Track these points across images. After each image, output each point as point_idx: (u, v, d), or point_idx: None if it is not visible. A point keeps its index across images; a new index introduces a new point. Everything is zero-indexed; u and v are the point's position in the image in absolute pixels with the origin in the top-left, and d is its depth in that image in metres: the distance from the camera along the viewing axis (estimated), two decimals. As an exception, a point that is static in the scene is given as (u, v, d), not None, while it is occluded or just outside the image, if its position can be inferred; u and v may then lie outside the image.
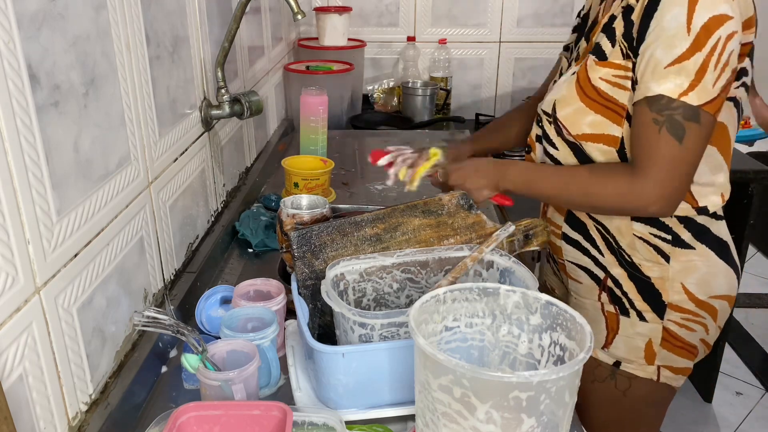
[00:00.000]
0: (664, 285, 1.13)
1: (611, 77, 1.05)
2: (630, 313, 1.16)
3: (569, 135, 1.11)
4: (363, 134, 2.33)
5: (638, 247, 1.13)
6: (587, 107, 1.08)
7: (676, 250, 1.11)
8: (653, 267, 1.13)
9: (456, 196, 1.11)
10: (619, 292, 1.16)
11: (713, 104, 0.97)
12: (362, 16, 2.66)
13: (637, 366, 1.18)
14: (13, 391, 0.73)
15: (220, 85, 1.43)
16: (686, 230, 1.11)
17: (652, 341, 1.16)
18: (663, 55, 0.96)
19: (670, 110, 0.97)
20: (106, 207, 0.94)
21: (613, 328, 1.18)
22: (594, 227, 1.17)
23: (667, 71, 0.96)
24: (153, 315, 0.91)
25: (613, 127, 1.06)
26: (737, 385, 2.60)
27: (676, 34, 0.95)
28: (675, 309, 1.14)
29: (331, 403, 0.91)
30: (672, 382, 1.20)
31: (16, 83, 0.72)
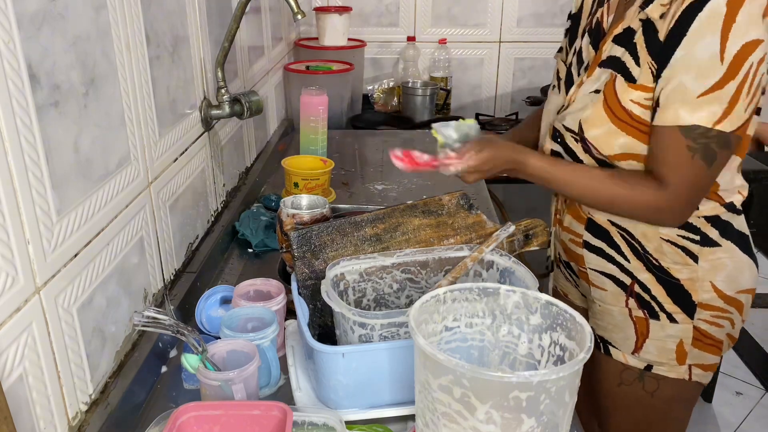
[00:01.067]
0: (694, 285, 1.13)
1: (643, 100, 1.04)
2: (660, 317, 1.15)
3: (599, 154, 1.11)
4: (363, 134, 2.33)
5: (666, 251, 1.12)
6: (619, 129, 1.07)
7: (704, 249, 1.12)
8: (682, 269, 1.13)
9: (456, 196, 1.11)
10: (647, 296, 1.16)
11: (743, 128, 0.99)
12: (362, 16, 2.66)
13: (668, 368, 1.18)
14: (13, 391, 0.72)
15: (220, 85, 1.43)
16: (714, 228, 1.12)
17: (683, 342, 1.16)
18: (694, 84, 0.96)
19: (705, 139, 0.98)
20: (106, 207, 0.94)
21: (643, 333, 1.17)
22: (617, 233, 1.16)
23: (701, 101, 0.97)
24: (153, 315, 0.91)
25: (644, 147, 1.06)
26: (737, 385, 2.60)
27: (710, 64, 0.95)
28: (705, 308, 1.14)
29: (331, 403, 0.91)
30: (702, 379, 1.20)
31: (16, 83, 0.72)
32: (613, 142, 1.08)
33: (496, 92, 2.77)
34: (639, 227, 1.13)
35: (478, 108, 2.72)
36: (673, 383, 1.19)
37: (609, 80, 1.08)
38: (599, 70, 1.10)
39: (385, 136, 2.32)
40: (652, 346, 1.17)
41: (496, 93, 2.77)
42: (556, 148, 1.19)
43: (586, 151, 1.13)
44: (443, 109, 2.63)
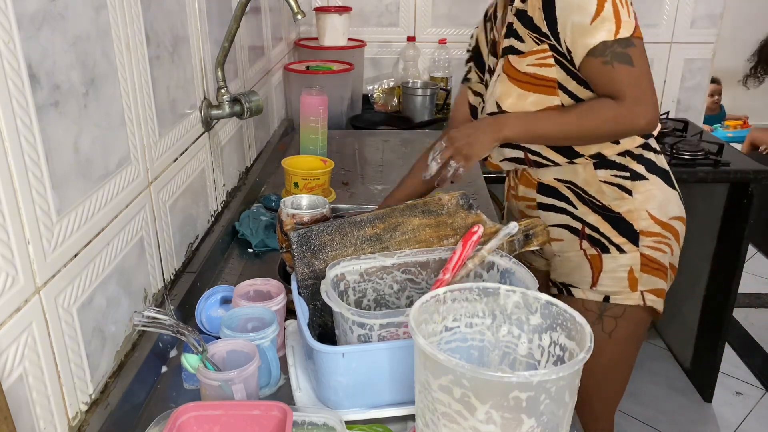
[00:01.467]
0: (633, 215, 1.30)
1: (535, 61, 1.25)
2: (610, 250, 1.31)
3: None
4: (363, 134, 2.33)
5: (605, 190, 1.30)
6: (525, 90, 1.26)
7: (635, 183, 1.29)
8: (621, 203, 1.30)
9: (456, 195, 1.11)
10: (597, 234, 1.32)
11: (637, 30, 1.18)
12: (362, 16, 2.66)
13: (624, 296, 1.32)
14: (13, 391, 0.73)
15: (220, 85, 1.43)
16: (639, 164, 1.30)
17: (633, 269, 1.31)
18: (582, 18, 1.16)
19: (610, 49, 1.16)
20: (106, 207, 0.94)
21: (598, 268, 1.33)
22: (564, 187, 1.33)
23: (593, 27, 1.16)
24: (153, 315, 0.91)
25: (552, 99, 1.25)
26: (737, 385, 2.60)
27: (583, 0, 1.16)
28: (646, 234, 1.30)
29: (331, 403, 0.91)
30: (655, 304, 1.34)
31: (16, 83, 0.72)
32: (525, 102, 1.27)
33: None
34: (580, 176, 1.31)
35: (478, 108, 2.72)
36: (629, 316, 1.33)
37: (504, 63, 1.29)
38: (498, 62, 1.32)
39: (385, 136, 2.32)
40: (606, 278, 1.33)
41: (496, 93, 2.77)
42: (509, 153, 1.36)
43: None
44: (443, 109, 2.63)
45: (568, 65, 1.22)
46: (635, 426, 2.38)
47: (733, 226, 2.26)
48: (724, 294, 2.33)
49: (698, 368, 2.56)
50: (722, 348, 2.41)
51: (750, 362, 2.72)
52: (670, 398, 2.53)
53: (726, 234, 2.31)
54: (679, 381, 2.61)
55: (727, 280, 2.31)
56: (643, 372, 2.62)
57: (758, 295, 3.20)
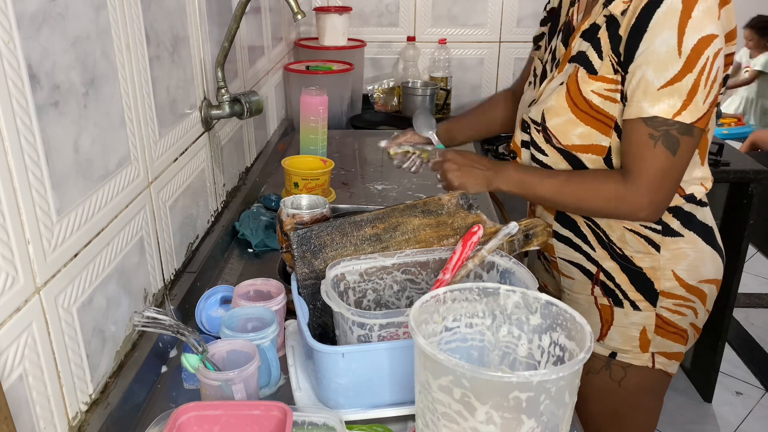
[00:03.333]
0: (656, 274, 1.17)
1: (603, 91, 1.09)
2: (624, 304, 1.20)
3: (559, 144, 1.16)
4: (363, 134, 2.33)
5: (628, 240, 1.17)
6: (578, 119, 1.12)
7: (666, 239, 1.16)
8: (644, 257, 1.17)
9: (456, 195, 1.11)
10: (612, 284, 1.20)
11: (703, 120, 1.03)
12: (362, 16, 2.66)
13: (632, 355, 1.22)
14: (13, 391, 0.73)
15: (220, 85, 1.43)
16: (675, 219, 1.16)
17: (646, 329, 1.20)
18: (655, 77, 1.01)
19: (666, 126, 1.02)
20: (106, 207, 0.94)
21: (608, 320, 1.22)
22: (584, 223, 1.21)
23: (660, 93, 1.01)
24: (153, 315, 0.91)
25: (601, 138, 1.11)
26: (737, 385, 2.60)
27: (668, 58, 1.00)
28: (667, 296, 1.18)
29: (331, 403, 0.91)
30: (667, 367, 1.23)
31: (16, 83, 0.72)
32: (572, 131, 1.13)
33: (496, 92, 2.77)
34: None
35: (478, 108, 2.72)
36: (638, 371, 1.22)
37: (572, 72, 1.13)
38: (568, 65, 1.15)
39: (385, 136, 2.30)
40: (616, 333, 1.22)
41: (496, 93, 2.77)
42: (524, 138, 1.24)
43: (547, 141, 1.18)
44: (443, 109, 2.63)
45: None
46: (635, 426, 2.38)
47: (733, 226, 2.26)
48: (724, 294, 2.33)
49: (698, 368, 2.56)
50: (722, 348, 2.41)
51: (750, 362, 2.72)
52: (670, 398, 2.52)
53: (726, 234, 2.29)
54: (679, 381, 2.61)
55: (727, 280, 2.31)
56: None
57: (758, 295, 3.20)
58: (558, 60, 1.20)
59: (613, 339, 1.22)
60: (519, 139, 1.26)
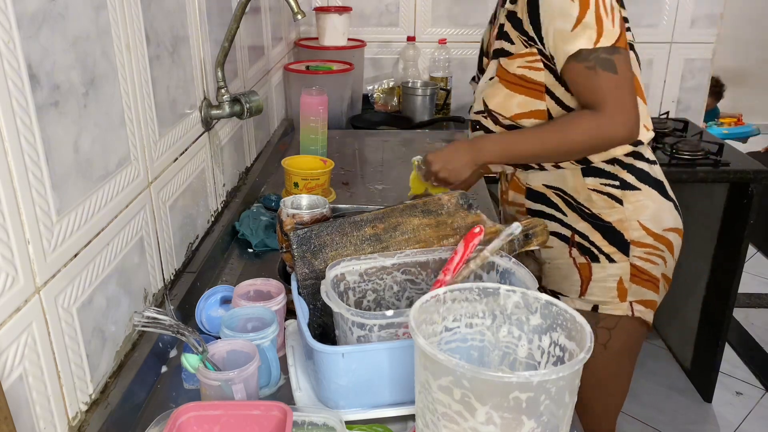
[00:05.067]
0: (624, 225, 1.28)
1: (525, 63, 1.24)
2: (600, 259, 1.30)
3: (504, 119, 1.28)
4: (363, 134, 2.33)
5: (594, 199, 1.28)
6: (513, 92, 1.26)
7: (626, 193, 1.28)
8: (611, 212, 1.28)
9: (455, 195, 1.11)
10: (587, 243, 1.30)
11: (621, 39, 1.16)
12: (362, 16, 2.66)
13: (613, 306, 1.31)
14: (13, 391, 0.73)
15: (220, 85, 1.43)
16: (630, 174, 1.28)
17: (622, 279, 1.30)
18: (563, 24, 1.15)
19: (594, 54, 1.15)
20: (106, 207, 0.94)
21: (587, 276, 1.32)
22: (553, 194, 1.32)
23: (574, 33, 1.15)
24: (153, 315, 0.91)
25: (538, 103, 1.24)
26: (737, 385, 2.60)
27: (565, 5, 1.15)
28: (637, 245, 1.28)
29: (331, 403, 0.91)
30: (644, 315, 1.33)
31: (16, 83, 0.72)
32: (511, 103, 1.26)
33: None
34: (569, 183, 1.29)
35: (478, 108, 2.72)
36: (621, 328, 1.32)
37: (497, 65, 1.29)
38: (491, 63, 1.31)
39: (385, 136, 2.32)
40: (595, 287, 1.31)
41: (496, 93, 2.77)
42: (478, 134, 1.36)
43: (495, 123, 1.30)
44: (443, 109, 2.63)
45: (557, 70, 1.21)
46: (635, 426, 2.38)
47: (733, 226, 2.26)
48: (724, 294, 2.33)
49: (698, 368, 2.56)
50: (722, 348, 2.41)
51: (750, 362, 2.72)
52: (670, 398, 2.53)
53: (726, 234, 2.30)
54: (679, 381, 2.61)
55: (727, 280, 2.31)
56: (643, 372, 2.62)
57: (758, 295, 3.20)
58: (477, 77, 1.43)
59: (593, 294, 1.31)
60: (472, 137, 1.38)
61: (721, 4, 2.61)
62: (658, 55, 2.66)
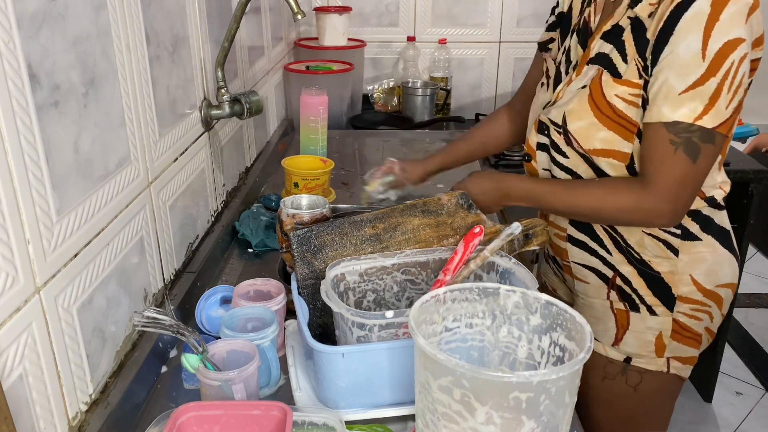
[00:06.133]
0: (674, 278, 1.15)
1: (627, 95, 1.06)
2: (640, 309, 1.18)
3: (580, 147, 1.12)
4: (363, 134, 2.33)
5: (647, 244, 1.15)
6: (600, 123, 1.09)
7: (685, 243, 1.14)
8: (663, 262, 1.15)
9: (455, 195, 1.11)
10: (628, 289, 1.18)
11: (726, 125, 1.00)
12: (362, 16, 2.66)
13: (648, 360, 1.20)
14: (13, 391, 0.73)
15: (220, 85, 1.43)
16: (694, 222, 1.14)
17: (662, 334, 1.18)
18: (677, 81, 0.98)
19: (687, 133, 1.00)
20: (106, 207, 0.94)
21: (623, 325, 1.20)
22: (601, 227, 1.18)
23: (682, 97, 0.98)
24: (153, 315, 0.91)
25: (624, 144, 1.08)
26: (737, 385, 2.60)
27: (692, 62, 0.97)
28: (684, 301, 1.16)
29: (331, 403, 0.91)
30: (681, 372, 1.22)
31: (16, 83, 0.72)
32: (594, 135, 1.10)
33: (496, 92, 2.77)
34: None
35: (477, 108, 2.72)
36: (653, 376, 1.21)
37: (595, 75, 1.10)
38: (587, 67, 1.12)
39: (385, 136, 2.32)
40: (631, 338, 1.20)
41: (496, 93, 2.77)
42: (542, 140, 1.21)
43: (568, 144, 1.15)
44: (443, 109, 2.63)
45: None
46: (635, 426, 2.38)
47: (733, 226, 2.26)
48: (724, 294, 2.33)
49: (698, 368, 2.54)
50: (722, 348, 2.41)
51: (750, 362, 2.72)
52: (670, 398, 2.52)
53: (726, 234, 2.30)
54: (679, 381, 2.61)
55: (727, 280, 2.30)
56: (643, 372, 2.62)
57: (758, 295, 3.19)
58: (575, 62, 1.17)
59: (628, 344, 1.20)
60: (534, 141, 1.23)
61: (721, 4, 2.61)
62: (658, 55, 2.66)
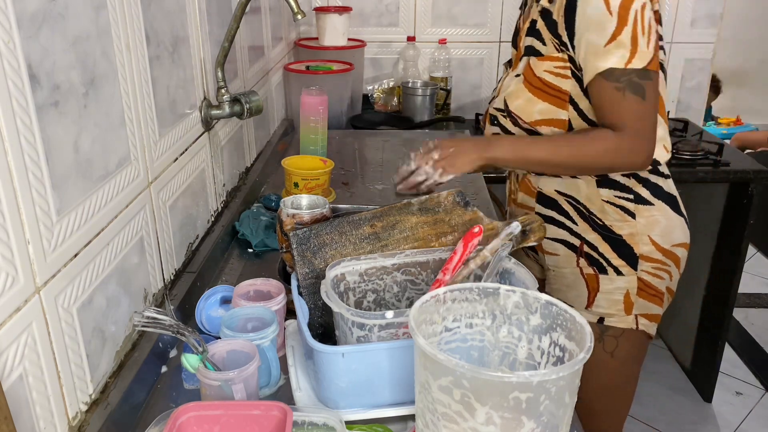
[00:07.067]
0: (634, 239, 1.27)
1: (553, 68, 1.22)
2: (608, 271, 1.29)
3: (524, 123, 1.27)
4: (363, 134, 2.33)
5: (607, 210, 1.27)
6: (536, 97, 1.24)
7: (639, 207, 1.27)
8: (623, 225, 1.27)
9: (452, 193, 1.11)
10: (596, 254, 1.30)
11: (653, 62, 1.14)
12: (362, 16, 2.66)
13: (618, 318, 1.31)
14: (13, 391, 0.73)
15: (220, 85, 1.43)
16: (644, 188, 1.27)
17: (629, 292, 1.29)
18: (598, 38, 1.13)
19: (626, 76, 1.13)
20: (106, 207, 0.94)
21: (594, 288, 1.31)
22: (565, 201, 1.31)
23: (607, 49, 1.12)
24: (153, 315, 0.91)
25: (560, 112, 1.23)
26: (737, 385, 2.60)
27: (602, 19, 1.12)
28: (646, 259, 1.28)
29: (331, 403, 0.91)
30: (648, 329, 1.33)
31: (16, 83, 0.72)
32: (533, 109, 1.25)
33: (496, 92, 2.77)
34: (582, 192, 1.28)
35: (477, 108, 2.72)
36: (626, 338, 1.32)
37: (525, 64, 1.27)
38: (521, 61, 1.29)
39: (385, 136, 2.32)
40: (602, 299, 1.31)
41: (496, 93, 2.77)
42: (494, 131, 1.35)
43: (514, 124, 1.29)
44: (443, 109, 2.63)
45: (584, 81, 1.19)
46: (636, 426, 2.38)
47: (733, 226, 2.26)
48: (724, 294, 2.33)
49: (698, 368, 2.56)
50: (722, 348, 2.41)
51: (750, 362, 2.72)
52: (670, 398, 2.53)
53: (726, 234, 2.30)
54: (679, 381, 2.61)
55: (727, 280, 2.31)
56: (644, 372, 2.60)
57: (758, 295, 3.20)
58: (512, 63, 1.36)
59: (600, 305, 1.31)
60: (490, 132, 1.37)
61: (721, 4, 2.61)
62: (658, 55, 2.66)
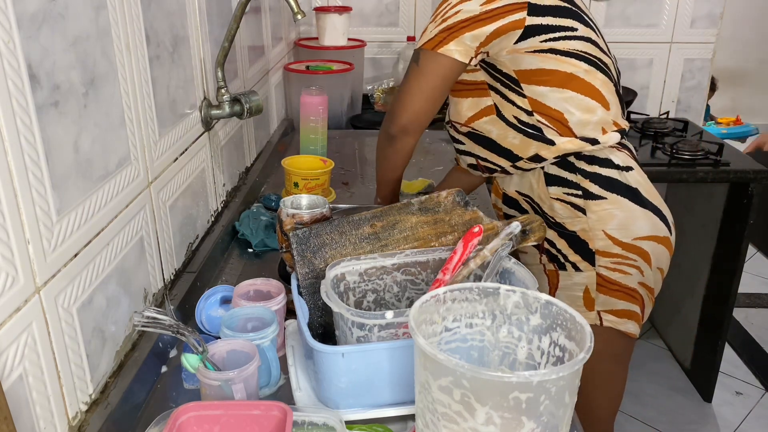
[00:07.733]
0: (588, 235, 1.27)
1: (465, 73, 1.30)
2: (566, 267, 1.30)
3: (462, 127, 1.34)
4: (363, 134, 2.33)
5: (557, 208, 1.29)
6: (460, 98, 1.33)
7: (588, 202, 1.26)
8: (574, 221, 1.28)
9: (452, 193, 1.11)
10: (554, 250, 1.32)
11: (431, 42, 1.23)
12: (362, 16, 2.66)
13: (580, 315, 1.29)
14: (13, 391, 0.73)
15: (220, 85, 1.43)
16: (593, 183, 1.26)
17: (588, 288, 1.29)
18: None
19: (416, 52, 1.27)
20: (106, 207, 0.94)
21: (555, 284, 1.33)
22: (523, 200, 1.35)
23: None
24: (153, 315, 0.91)
25: (485, 100, 1.29)
26: (737, 385, 2.60)
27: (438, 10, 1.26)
28: (603, 255, 1.27)
29: (331, 403, 0.91)
30: (619, 326, 1.30)
31: (16, 83, 0.72)
32: (461, 108, 1.33)
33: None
34: (534, 191, 1.31)
35: (478, 108, 2.72)
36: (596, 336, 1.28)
37: None
38: None
39: (385, 136, 2.31)
40: (562, 295, 1.32)
41: (496, 93, 2.77)
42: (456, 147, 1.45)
43: (456, 131, 1.38)
44: (443, 108, 2.62)
45: (489, 69, 1.26)
46: (635, 426, 2.38)
47: (733, 226, 2.26)
48: (724, 294, 2.33)
49: (698, 368, 2.56)
50: (722, 348, 2.41)
51: (750, 362, 2.72)
52: (670, 398, 2.53)
53: (726, 234, 2.30)
54: (679, 381, 2.61)
55: (727, 280, 2.31)
56: (643, 372, 2.62)
57: (758, 295, 3.20)
58: None
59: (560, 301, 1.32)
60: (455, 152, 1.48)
61: (721, 4, 2.61)
62: (658, 55, 2.66)
